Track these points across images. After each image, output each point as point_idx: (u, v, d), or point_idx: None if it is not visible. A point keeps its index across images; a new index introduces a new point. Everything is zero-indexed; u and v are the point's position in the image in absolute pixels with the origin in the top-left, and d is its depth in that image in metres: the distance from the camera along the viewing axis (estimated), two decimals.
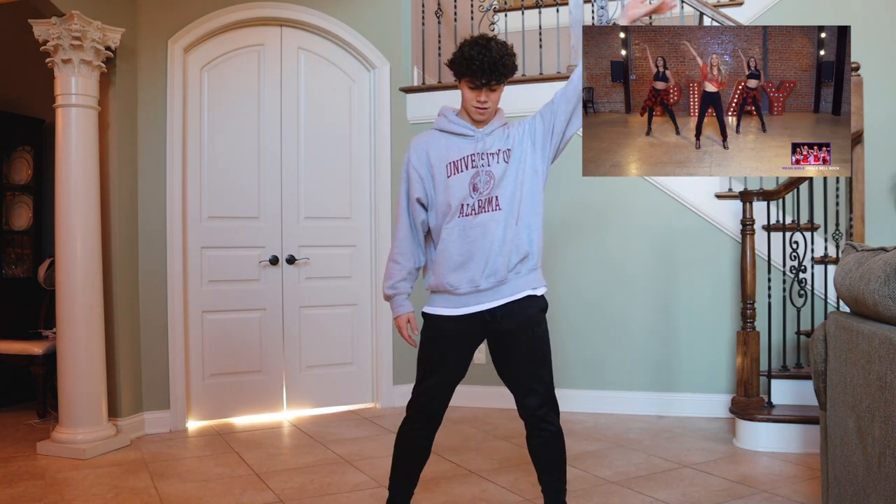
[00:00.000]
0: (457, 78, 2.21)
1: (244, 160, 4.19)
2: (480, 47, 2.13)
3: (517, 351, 2.23)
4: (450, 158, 2.23)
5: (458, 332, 2.24)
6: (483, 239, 2.18)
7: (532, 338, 2.22)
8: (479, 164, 2.21)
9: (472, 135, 2.24)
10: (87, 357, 3.44)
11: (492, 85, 2.16)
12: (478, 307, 2.21)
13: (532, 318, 2.23)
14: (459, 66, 2.17)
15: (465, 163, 2.22)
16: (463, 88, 2.21)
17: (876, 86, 4.21)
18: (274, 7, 4.19)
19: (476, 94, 2.17)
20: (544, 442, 2.26)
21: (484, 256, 2.18)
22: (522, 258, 2.21)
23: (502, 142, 2.24)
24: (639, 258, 4.22)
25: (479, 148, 2.23)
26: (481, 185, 2.20)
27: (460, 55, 2.17)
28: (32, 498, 2.82)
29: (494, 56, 2.12)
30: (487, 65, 2.12)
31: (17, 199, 4.78)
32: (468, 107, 2.22)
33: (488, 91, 2.17)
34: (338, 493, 2.88)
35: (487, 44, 2.14)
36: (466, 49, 2.16)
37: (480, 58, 2.12)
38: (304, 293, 4.34)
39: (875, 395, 1.75)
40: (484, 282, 2.18)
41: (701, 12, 3.99)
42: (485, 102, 2.18)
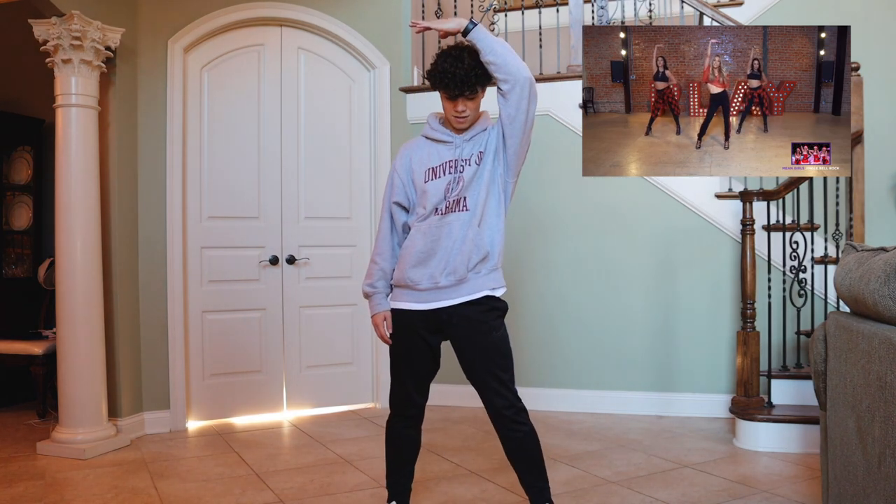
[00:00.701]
0: (434, 89, 2.25)
1: (244, 160, 4.19)
2: (453, 59, 2.16)
3: (477, 354, 2.27)
4: (430, 164, 2.30)
5: (419, 326, 2.30)
6: (447, 238, 2.24)
7: (491, 342, 2.26)
8: (456, 170, 2.26)
9: (451, 141, 2.29)
10: (87, 357, 3.44)
11: (467, 94, 2.18)
12: (438, 304, 2.27)
13: (488, 322, 2.27)
14: (434, 78, 2.21)
15: (442, 169, 2.28)
16: (442, 99, 2.24)
17: (876, 86, 4.21)
18: (274, 7, 4.19)
19: (453, 104, 2.21)
20: (519, 444, 2.28)
21: (445, 254, 2.24)
22: (482, 258, 2.25)
23: (479, 146, 2.28)
24: (639, 258, 4.22)
25: (457, 154, 2.28)
26: (453, 187, 2.25)
27: (434, 68, 2.21)
28: (32, 498, 2.82)
29: (467, 66, 2.15)
30: (461, 76, 2.14)
31: (17, 199, 4.78)
32: (448, 116, 2.27)
33: (465, 100, 2.20)
34: (338, 493, 2.88)
35: (460, 55, 2.17)
36: (440, 61, 2.19)
37: (453, 69, 2.15)
38: (304, 293, 4.34)
39: (875, 395, 1.75)
40: (443, 279, 2.24)
41: (701, 12, 3.99)
42: (462, 111, 2.21)
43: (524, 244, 4.39)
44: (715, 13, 3.84)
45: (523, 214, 4.37)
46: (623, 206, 4.24)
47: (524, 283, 4.38)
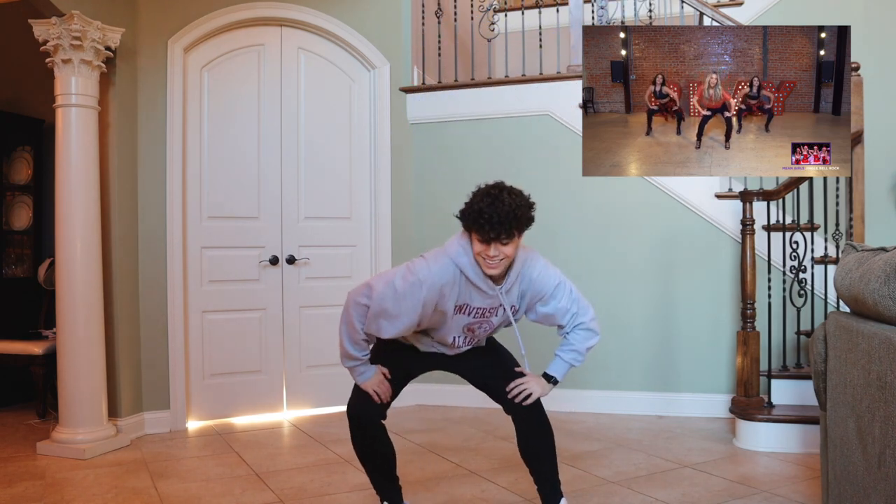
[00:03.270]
0: (466, 229, 2.06)
1: (244, 160, 4.19)
2: (491, 198, 1.97)
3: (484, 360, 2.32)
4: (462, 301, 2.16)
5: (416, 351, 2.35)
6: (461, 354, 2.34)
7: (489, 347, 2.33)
8: (486, 315, 2.22)
9: (492, 294, 2.14)
10: (87, 357, 3.44)
11: (502, 239, 1.99)
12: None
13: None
14: (468, 218, 2.01)
15: (474, 311, 2.19)
16: (473, 239, 2.05)
17: (876, 86, 4.21)
18: (274, 7, 4.19)
19: (486, 247, 2.01)
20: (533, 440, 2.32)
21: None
22: None
23: (515, 300, 2.22)
24: (639, 258, 4.22)
25: (494, 303, 2.18)
26: (478, 331, 2.25)
27: (470, 207, 2.01)
28: (32, 498, 2.82)
29: (506, 208, 1.95)
30: (498, 218, 1.94)
31: (17, 199, 4.78)
32: (478, 259, 2.06)
33: (499, 245, 2.00)
34: (338, 493, 2.88)
35: (500, 194, 1.98)
36: (477, 201, 2.00)
37: (490, 211, 1.95)
38: (304, 293, 4.34)
39: (875, 395, 1.75)
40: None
41: (701, 12, 3.99)
42: (496, 256, 2.02)
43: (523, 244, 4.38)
44: (715, 13, 3.84)
45: None
46: (623, 206, 4.24)
47: None
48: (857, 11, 4.58)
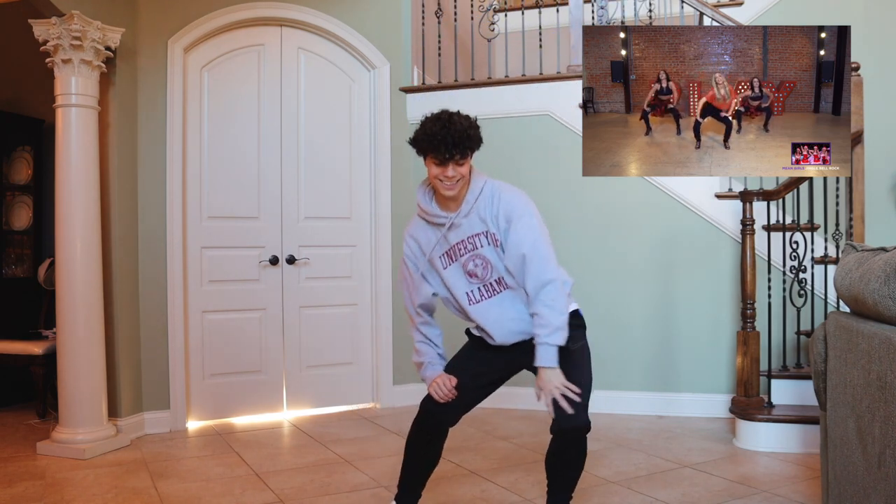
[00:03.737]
0: (421, 155, 2.16)
1: (244, 160, 4.19)
2: (443, 122, 2.08)
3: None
4: (441, 250, 2.22)
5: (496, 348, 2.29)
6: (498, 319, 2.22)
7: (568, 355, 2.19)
8: (467, 250, 2.19)
9: (446, 223, 2.20)
10: (87, 357, 3.44)
11: (457, 159, 2.09)
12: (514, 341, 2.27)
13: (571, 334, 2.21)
14: (422, 142, 2.12)
15: (453, 253, 2.21)
16: (429, 166, 2.14)
17: (876, 86, 4.21)
18: (274, 7, 4.19)
19: (443, 169, 2.11)
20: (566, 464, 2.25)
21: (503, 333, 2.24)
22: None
23: (481, 225, 2.19)
24: (639, 258, 4.21)
25: (460, 235, 2.20)
26: (478, 271, 2.20)
27: (422, 132, 2.12)
28: (32, 498, 2.82)
29: (458, 129, 2.07)
30: (451, 139, 2.06)
31: (17, 199, 4.78)
32: (435, 183, 2.16)
33: (455, 165, 2.10)
34: (338, 493, 2.88)
35: (450, 118, 2.09)
36: (429, 125, 2.11)
37: (443, 133, 2.06)
38: (304, 293, 4.34)
39: (875, 395, 1.75)
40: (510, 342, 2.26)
41: (701, 12, 3.99)
42: (453, 177, 2.12)
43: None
44: (715, 13, 3.84)
45: None
46: (623, 206, 4.24)
47: None
48: (857, 11, 4.58)
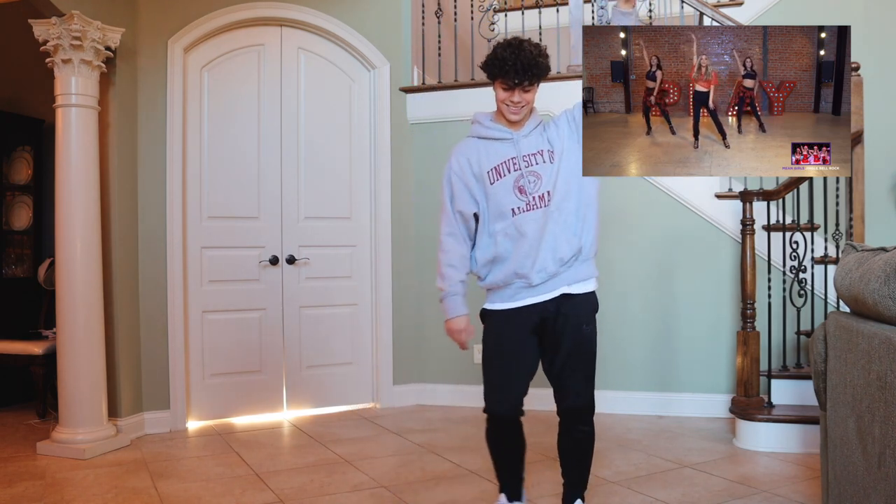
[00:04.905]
0: (490, 79, 2.22)
1: (244, 160, 4.19)
2: (513, 48, 2.14)
3: (564, 349, 2.26)
4: (491, 164, 2.25)
5: (514, 321, 2.28)
6: (532, 236, 2.21)
7: (580, 338, 2.25)
8: (521, 166, 2.23)
9: (511, 138, 2.25)
10: (87, 357, 3.44)
11: (525, 85, 2.17)
12: (532, 300, 2.25)
13: (582, 316, 2.27)
14: (493, 67, 2.17)
15: (506, 167, 2.24)
16: (497, 89, 2.21)
17: (876, 86, 4.21)
18: (274, 7, 4.19)
19: (510, 94, 2.18)
20: (577, 443, 2.32)
21: (533, 253, 2.21)
22: (575, 252, 2.24)
23: (543, 142, 2.25)
24: (639, 258, 4.21)
25: (519, 150, 2.24)
26: (528, 187, 2.22)
27: (493, 57, 2.17)
28: (32, 498, 2.82)
29: (527, 56, 2.13)
30: (521, 65, 2.13)
31: (17, 199, 4.78)
32: (502, 107, 2.23)
33: (522, 91, 2.18)
34: (338, 493, 2.88)
35: (520, 45, 2.15)
36: (500, 50, 2.16)
37: (513, 59, 2.12)
38: (304, 293, 4.34)
39: (875, 395, 1.75)
40: (535, 277, 2.22)
41: (701, 12, 3.99)
42: (519, 103, 2.19)
43: None
44: (715, 13, 3.84)
45: None
46: (623, 206, 4.24)
47: None
48: (857, 11, 4.58)
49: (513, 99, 2.19)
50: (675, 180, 4.10)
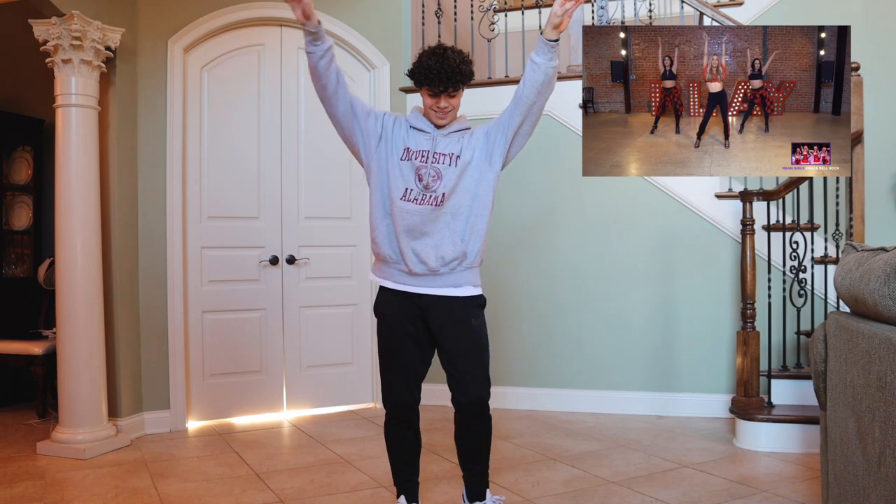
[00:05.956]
0: (417, 86, 2.33)
1: (244, 160, 4.19)
2: (438, 56, 2.26)
3: (455, 343, 2.35)
4: (407, 144, 2.36)
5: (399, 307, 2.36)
6: (422, 228, 2.30)
7: (469, 331, 2.35)
8: (428, 159, 2.33)
9: (429, 133, 2.36)
10: (87, 357, 3.44)
11: (450, 91, 2.28)
12: (412, 289, 2.34)
13: (466, 311, 2.36)
14: (419, 75, 2.29)
15: (417, 155, 2.34)
16: (423, 96, 2.33)
17: (876, 86, 4.21)
18: (274, 7, 4.19)
19: (436, 100, 2.30)
20: (476, 433, 2.43)
21: (420, 244, 2.31)
22: (457, 257, 2.32)
23: (454, 146, 2.34)
24: (639, 258, 4.22)
25: (432, 146, 2.35)
26: (426, 178, 2.32)
27: (419, 65, 2.29)
28: (32, 498, 2.82)
29: (451, 64, 2.24)
30: (445, 73, 2.24)
31: (17, 199, 4.78)
32: (429, 113, 2.35)
33: (447, 97, 2.30)
34: (338, 493, 2.88)
35: (444, 53, 2.27)
36: (425, 59, 2.28)
37: (438, 67, 2.24)
38: (304, 293, 4.34)
39: (875, 395, 1.75)
40: (416, 267, 2.31)
41: (701, 12, 3.99)
42: (445, 108, 2.31)
43: (523, 244, 4.38)
44: (715, 13, 3.84)
45: (523, 214, 4.37)
46: (623, 206, 4.24)
47: (523, 284, 4.38)
48: (857, 11, 4.58)
49: (439, 105, 2.30)
50: (675, 180, 4.10)
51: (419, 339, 2.39)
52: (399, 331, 2.37)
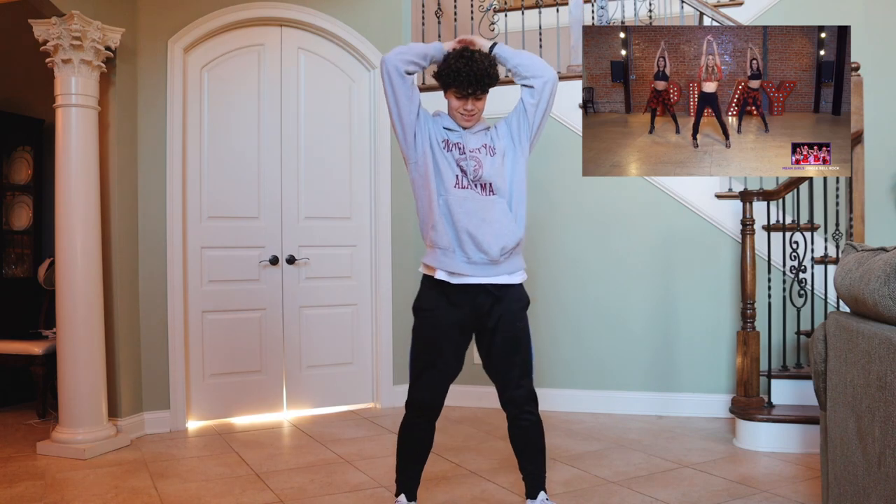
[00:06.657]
0: (444, 89, 2.36)
1: (244, 160, 4.19)
2: (466, 59, 2.28)
3: (501, 347, 2.38)
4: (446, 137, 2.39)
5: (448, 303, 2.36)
6: (481, 214, 2.31)
7: (515, 334, 2.38)
8: (465, 152, 2.35)
9: (458, 131, 2.40)
10: (87, 357, 3.44)
11: (477, 94, 2.32)
12: (471, 279, 2.33)
13: (515, 313, 2.39)
14: (446, 77, 2.31)
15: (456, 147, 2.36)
16: (450, 98, 2.37)
17: (876, 86, 4.21)
18: (274, 7, 4.19)
19: (463, 102, 2.33)
20: (524, 431, 2.42)
21: (480, 233, 2.30)
22: (516, 244, 2.36)
23: (484, 139, 2.39)
24: (639, 258, 4.22)
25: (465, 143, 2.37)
26: (469, 170, 2.34)
27: (446, 67, 2.31)
28: (32, 498, 2.82)
29: (480, 67, 2.28)
30: (474, 75, 2.27)
31: (17, 199, 4.78)
32: (455, 115, 2.38)
33: (474, 100, 2.33)
34: (338, 493, 2.88)
35: (472, 56, 2.29)
36: (452, 61, 2.30)
37: (466, 69, 2.26)
38: (304, 293, 4.34)
39: (875, 395, 1.75)
40: (476, 256, 2.31)
41: (701, 12, 3.99)
42: (471, 111, 2.35)
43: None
44: (715, 13, 3.84)
45: None
46: (623, 206, 4.24)
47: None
48: (857, 11, 4.58)
49: (466, 107, 2.34)
50: (675, 180, 4.10)
51: (462, 337, 2.40)
52: (445, 329, 2.37)
